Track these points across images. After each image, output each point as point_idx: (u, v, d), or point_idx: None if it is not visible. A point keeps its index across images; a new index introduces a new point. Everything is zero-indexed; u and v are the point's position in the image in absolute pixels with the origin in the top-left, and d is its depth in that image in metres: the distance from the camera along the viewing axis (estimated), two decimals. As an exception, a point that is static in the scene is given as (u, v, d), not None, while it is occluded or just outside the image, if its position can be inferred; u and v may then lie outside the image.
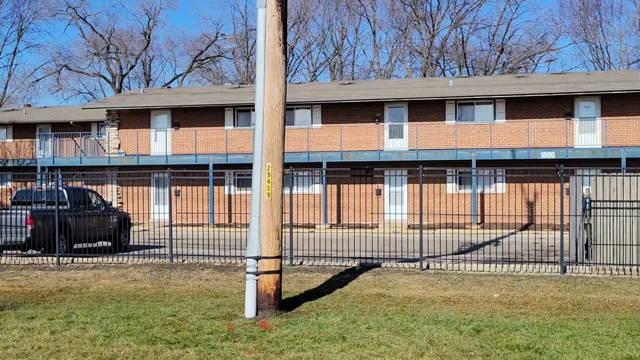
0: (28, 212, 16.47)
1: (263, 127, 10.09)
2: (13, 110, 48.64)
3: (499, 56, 57.40)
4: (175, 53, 66.72)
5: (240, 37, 61.93)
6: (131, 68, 64.00)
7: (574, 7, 58.66)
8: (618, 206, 13.44)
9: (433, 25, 58.33)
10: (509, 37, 58.54)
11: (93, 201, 19.59)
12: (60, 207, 16.27)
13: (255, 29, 10.43)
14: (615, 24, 58.72)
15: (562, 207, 13.24)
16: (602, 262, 13.59)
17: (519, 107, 31.79)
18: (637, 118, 30.55)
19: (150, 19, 64.41)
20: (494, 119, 32.00)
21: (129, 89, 62.88)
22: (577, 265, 13.53)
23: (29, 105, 52.27)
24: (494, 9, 59.31)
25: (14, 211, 16.56)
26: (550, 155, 29.64)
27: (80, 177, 30.71)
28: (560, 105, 31.46)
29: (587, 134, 31.17)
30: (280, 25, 10.09)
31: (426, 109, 32.72)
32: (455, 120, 32.37)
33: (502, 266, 13.54)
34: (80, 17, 62.71)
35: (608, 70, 49.57)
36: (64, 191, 17.88)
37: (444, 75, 57.49)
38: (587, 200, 13.98)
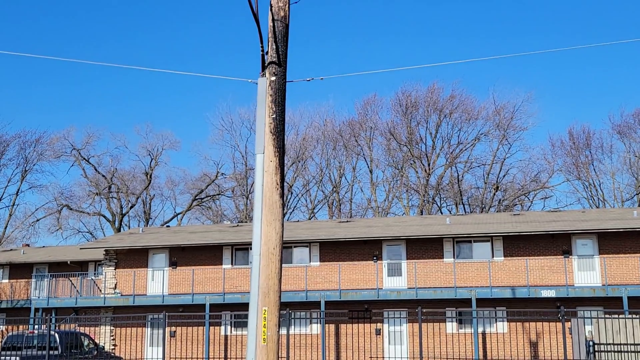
0: (17, 358, 16.04)
1: (259, 270, 10.04)
2: (11, 250, 48.61)
3: (494, 194, 58.24)
4: (175, 192, 67.63)
5: (240, 175, 63.08)
6: (131, 207, 64.69)
7: (565, 146, 60.19)
8: (622, 349, 13.15)
9: (428, 164, 59.62)
10: (504, 176, 59.69)
11: (85, 344, 19.14)
12: (52, 352, 15.87)
13: (254, 168, 10.64)
14: (606, 163, 60.09)
15: (565, 353, 12.93)
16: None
17: (517, 244, 31.85)
18: (636, 256, 30.53)
19: (152, 159, 65.91)
20: (492, 256, 31.96)
21: (129, 227, 63.20)
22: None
23: (28, 245, 52.31)
24: (488, 149, 60.68)
25: (3, 357, 16.14)
26: (551, 293, 29.33)
27: (73, 320, 30.19)
28: (557, 243, 31.53)
29: (587, 271, 31.02)
30: (278, 170, 10.29)
31: (424, 247, 32.76)
32: (454, 257, 32.32)
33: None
34: (84, 159, 64.19)
35: (603, 209, 50.10)
36: (56, 335, 17.51)
37: (441, 213, 58.04)
38: (591, 342, 13.69)
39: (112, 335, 33.94)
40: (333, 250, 33.62)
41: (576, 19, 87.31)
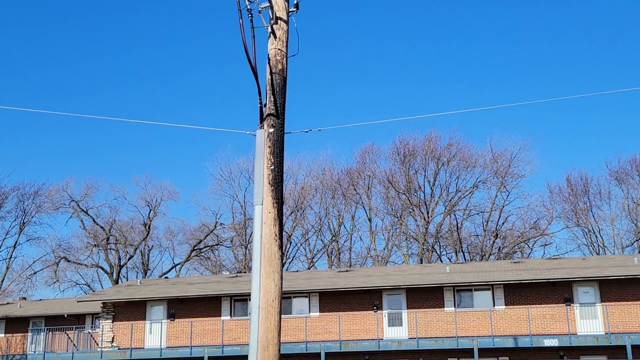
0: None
1: (258, 323, 9.94)
2: (8, 303, 48.14)
3: (494, 241, 58.06)
4: (174, 242, 67.40)
5: (239, 225, 62.96)
6: (129, 258, 64.35)
7: (563, 193, 60.29)
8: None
9: (427, 212, 59.59)
10: (503, 223, 59.60)
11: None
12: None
13: (253, 219, 10.62)
14: (605, 209, 60.12)
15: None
16: None
17: (518, 292, 31.61)
18: (638, 303, 30.28)
19: (151, 210, 65.83)
20: (493, 305, 31.68)
21: (127, 279, 62.75)
22: None
23: (24, 299, 51.83)
24: (486, 196, 60.73)
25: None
26: (553, 342, 28.99)
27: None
28: (559, 291, 31.31)
29: (589, 320, 30.72)
30: (277, 222, 10.27)
31: (424, 296, 32.50)
32: (454, 306, 32.03)
33: None
34: (83, 210, 64.10)
35: (604, 255, 49.93)
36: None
37: (441, 261, 57.76)
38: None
39: (109, 390, 33.37)
40: (333, 300, 33.33)
41: (572, 66, 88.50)
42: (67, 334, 36.12)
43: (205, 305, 34.41)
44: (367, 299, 33.08)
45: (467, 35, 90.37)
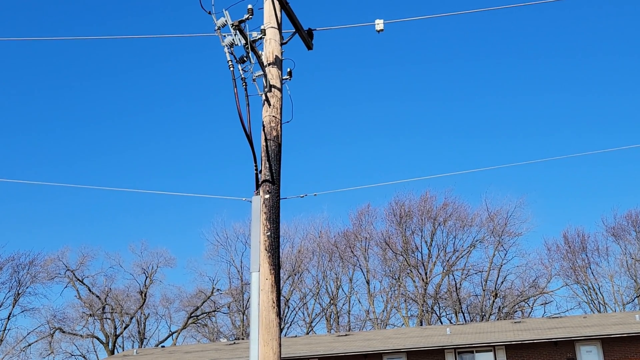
0: None
1: (258, 393, 9.75)
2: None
3: (493, 301, 57.54)
4: (170, 310, 66.65)
5: (236, 291, 62.40)
6: (125, 327, 63.43)
7: (561, 250, 60.13)
8: None
9: (425, 273, 59.24)
10: (502, 282, 59.19)
11: None
12: None
13: (250, 284, 10.55)
14: (604, 266, 59.93)
15: None
16: None
17: (520, 353, 31.17)
18: (642, 360, 29.88)
19: (147, 277, 65.30)
20: (496, 367, 31.19)
21: (123, 349, 61.72)
22: None
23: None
24: (484, 255, 60.55)
25: None
26: (559, 404, 28.44)
27: None
28: (561, 350, 30.89)
29: (594, 379, 30.23)
30: (274, 288, 10.20)
31: (425, 359, 31.99)
32: (457, 370, 31.52)
33: None
34: (78, 279, 63.54)
35: (605, 313, 49.47)
36: None
37: (441, 322, 57.09)
38: None
39: None
40: (332, 365, 32.76)
41: (566, 122, 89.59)
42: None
43: (202, 374, 33.77)
44: (367, 363, 32.53)
45: (461, 91, 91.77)
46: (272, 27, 10.82)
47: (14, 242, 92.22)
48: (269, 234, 10.13)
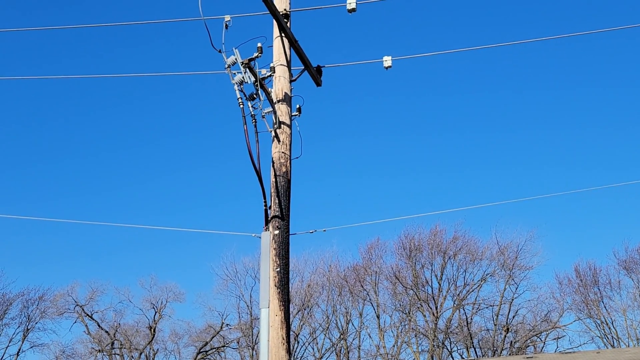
0: None
1: None
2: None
3: (505, 336, 56.91)
4: (179, 345, 66.24)
5: (245, 325, 62.02)
6: (134, 363, 63.06)
7: (573, 284, 59.52)
8: None
9: (436, 307, 58.76)
10: (513, 316, 58.59)
11: None
12: None
13: (260, 319, 10.53)
14: (616, 299, 59.36)
15: None
16: None
17: (533, 389, 30.73)
18: (657, 397, 29.38)
19: (156, 312, 65.06)
20: (509, 403, 30.74)
21: (131, 384, 61.29)
22: None
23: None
24: (495, 289, 59.98)
25: None
26: None
27: None
28: (575, 386, 30.45)
29: (608, 416, 29.73)
30: (284, 324, 10.19)
31: (437, 396, 31.60)
32: (469, 406, 31.08)
33: None
34: (87, 315, 63.36)
35: (618, 348, 48.88)
36: None
37: (452, 357, 56.52)
38: None
39: None
40: (343, 402, 32.38)
41: (577, 156, 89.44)
42: None
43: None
44: (378, 399, 32.16)
45: (471, 124, 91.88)
46: (281, 64, 10.98)
47: (23, 277, 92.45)
48: (278, 269, 10.15)
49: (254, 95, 10.31)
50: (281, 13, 11.00)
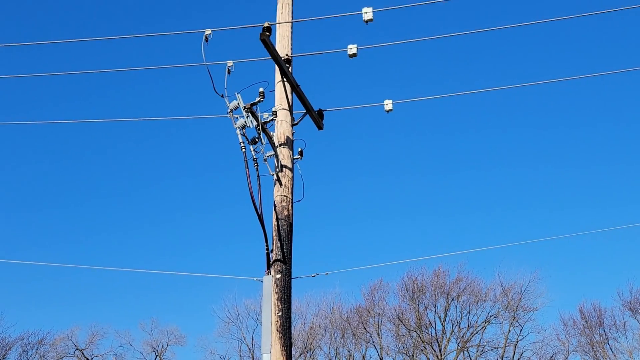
0: None
1: None
2: None
3: (510, 378, 56.12)
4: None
5: (247, 369, 61.30)
6: (134, 407, 62.13)
7: (578, 325, 58.87)
8: None
9: (440, 350, 58.09)
10: (518, 359, 57.86)
11: None
12: None
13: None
14: (622, 341, 58.68)
15: None
16: None
17: None
18: None
19: (157, 356, 64.32)
20: None
21: None
22: None
23: None
24: (499, 331, 59.38)
25: None
26: None
27: None
28: None
29: None
30: (286, 370, 10.07)
31: None
32: None
33: None
34: (87, 359, 62.67)
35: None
36: None
37: (457, 401, 55.63)
38: None
39: None
40: None
41: (578, 196, 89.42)
42: None
43: None
44: None
45: (473, 165, 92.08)
46: (283, 108, 11.07)
47: (23, 321, 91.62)
48: (280, 314, 10.07)
49: (256, 139, 10.38)
50: (283, 58, 11.13)
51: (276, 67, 11.18)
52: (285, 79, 11.11)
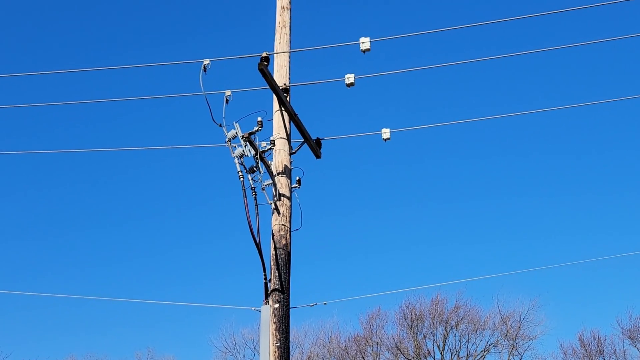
0: None
1: None
2: None
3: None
4: None
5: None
6: None
7: (577, 354, 58.39)
8: None
9: (439, 379, 57.60)
10: (518, 388, 57.33)
11: None
12: None
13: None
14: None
15: None
16: None
17: None
18: None
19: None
20: None
21: None
22: None
23: None
24: (498, 359, 58.95)
25: None
26: None
27: None
28: None
29: None
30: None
31: None
32: None
33: None
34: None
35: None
36: None
37: None
38: None
39: None
40: None
41: (577, 225, 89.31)
42: None
43: None
44: None
45: (471, 193, 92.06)
46: (281, 137, 11.09)
47: (17, 352, 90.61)
48: (278, 344, 9.98)
49: (254, 168, 10.37)
50: (281, 87, 11.18)
51: (274, 96, 11.22)
52: (283, 108, 11.15)
